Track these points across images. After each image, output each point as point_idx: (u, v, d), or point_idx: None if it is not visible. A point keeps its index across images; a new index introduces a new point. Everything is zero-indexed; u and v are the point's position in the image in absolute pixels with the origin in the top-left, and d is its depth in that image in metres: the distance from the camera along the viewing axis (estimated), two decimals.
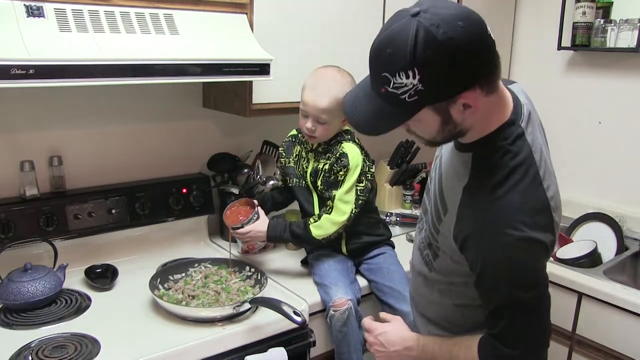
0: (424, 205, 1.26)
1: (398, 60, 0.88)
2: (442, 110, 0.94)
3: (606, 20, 2.25)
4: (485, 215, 1.00)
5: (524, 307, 1.03)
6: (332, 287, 1.63)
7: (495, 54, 0.94)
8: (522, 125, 1.03)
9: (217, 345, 1.43)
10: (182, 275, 1.70)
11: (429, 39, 0.86)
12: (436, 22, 0.86)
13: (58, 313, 1.51)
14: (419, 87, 0.89)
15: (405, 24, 0.88)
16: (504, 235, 0.97)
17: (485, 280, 1.05)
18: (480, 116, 0.98)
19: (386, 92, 0.91)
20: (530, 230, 0.97)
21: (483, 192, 1.01)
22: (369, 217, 1.82)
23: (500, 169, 1.00)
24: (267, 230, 1.70)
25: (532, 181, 1.00)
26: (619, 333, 1.78)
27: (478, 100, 0.94)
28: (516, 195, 0.98)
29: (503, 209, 0.98)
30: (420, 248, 1.24)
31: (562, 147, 2.51)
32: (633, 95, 2.27)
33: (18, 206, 1.69)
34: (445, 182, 1.12)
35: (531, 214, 0.98)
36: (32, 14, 1.34)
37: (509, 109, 1.04)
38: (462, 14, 0.89)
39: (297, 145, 1.81)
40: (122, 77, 1.40)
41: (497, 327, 1.05)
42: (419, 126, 1.00)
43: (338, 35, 1.95)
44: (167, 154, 2.03)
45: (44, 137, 1.77)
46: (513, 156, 1.00)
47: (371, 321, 1.33)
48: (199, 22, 1.61)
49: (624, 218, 2.24)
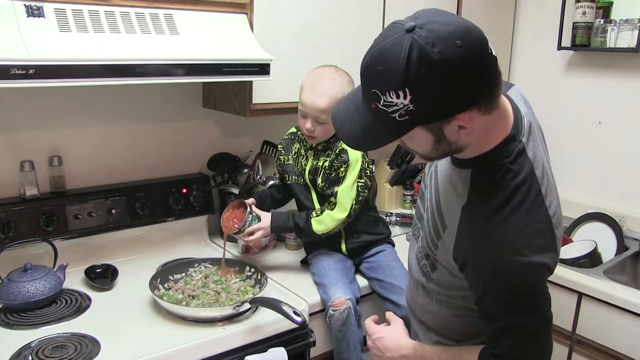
0: (418, 212, 1.22)
1: (389, 80, 0.82)
2: (436, 130, 0.89)
3: (606, 20, 2.25)
4: (487, 239, 0.96)
5: (526, 330, 1.00)
6: (331, 287, 1.63)
7: (496, 73, 0.88)
8: (523, 140, 0.98)
9: (217, 345, 1.43)
10: (182, 275, 1.70)
11: (423, 59, 0.80)
12: (432, 40, 0.80)
13: (58, 313, 1.51)
14: (410, 108, 0.83)
15: (398, 40, 0.82)
16: (506, 262, 0.94)
17: (486, 303, 1.02)
18: (476, 136, 0.93)
19: (376, 109, 0.86)
20: (533, 254, 0.94)
21: (484, 214, 0.96)
22: (369, 215, 1.82)
23: (501, 189, 0.95)
24: (270, 222, 1.70)
25: (534, 201, 0.96)
26: (619, 333, 1.78)
27: (474, 121, 0.88)
28: (518, 219, 0.94)
29: (505, 234, 0.94)
30: (417, 257, 1.20)
31: (562, 147, 2.52)
32: (633, 95, 2.27)
33: (18, 206, 1.69)
34: (442, 197, 1.08)
35: (534, 237, 0.95)
36: (32, 14, 1.34)
37: (510, 123, 0.98)
38: (460, 32, 0.82)
39: (296, 142, 1.82)
40: (122, 77, 1.40)
41: (498, 348, 1.03)
42: (412, 143, 0.95)
43: (338, 35, 1.95)
44: (167, 154, 2.03)
45: (44, 137, 1.77)
46: (514, 175, 0.95)
47: (371, 323, 1.31)
48: (199, 22, 1.61)
49: (624, 218, 2.24)
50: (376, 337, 1.26)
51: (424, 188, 1.20)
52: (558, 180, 1.10)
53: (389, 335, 1.25)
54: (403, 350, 1.21)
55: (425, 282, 1.17)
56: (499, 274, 0.96)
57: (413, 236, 1.26)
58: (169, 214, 1.96)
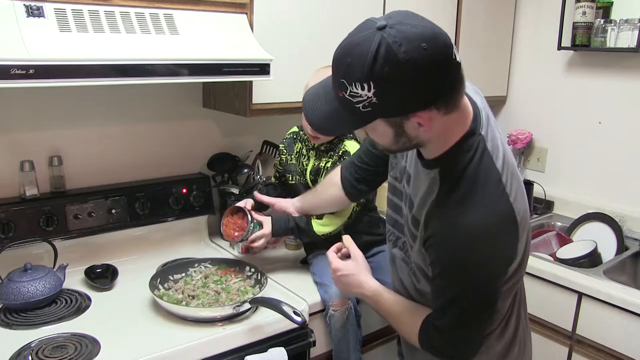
0: (396, 222, 1.25)
1: (355, 71, 0.88)
2: (396, 124, 0.95)
3: (606, 20, 2.25)
4: (450, 228, 1.01)
5: (469, 310, 1.06)
6: (331, 287, 1.62)
7: (458, 77, 0.93)
8: (482, 132, 1.03)
9: (217, 345, 1.43)
10: (182, 275, 1.70)
11: (389, 57, 0.85)
12: (399, 40, 0.85)
13: (58, 313, 1.51)
14: (373, 100, 0.89)
15: (368, 36, 0.88)
16: (465, 251, 0.99)
17: (438, 283, 1.08)
18: (436, 133, 0.98)
19: (343, 97, 0.92)
20: (493, 244, 0.99)
21: (449, 205, 1.01)
22: (370, 215, 1.83)
23: (464, 182, 1.01)
24: (271, 228, 1.69)
25: (494, 191, 1.00)
26: (619, 333, 1.78)
27: (433, 120, 0.94)
28: (479, 210, 0.99)
29: (466, 226, 0.99)
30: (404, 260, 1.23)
31: (562, 147, 2.52)
32: (633, 95, 2.27)
33: (18, 206, 1.69)
34: (415, 199, 1.12)
35: (495, 227, 0.99)
36: (32, 14, 1.34)
37: (469, 119, 1.03)
38: (428, 36, 0.87)
39: (298, 142, 1.81)
40: (122, 77, 1.40)
41: (440, 320, 1.09)
42: (373, 134, 1.01)
43: (338, 35, 1.94)
44: (167, 154, 2.03)
45: (44, 137, 1.77)
46: (475, 168, 1.01)
47: (335, 258, 1.36)
48: (199, 22, 1.61)
49: (624, 218, 2.24)
50: (340, 274, 1.34)
51: (403, 198, 1.21)
52: (559, 181, 1.11)
53: (352, 274, 1.33)
54: (365, 290, 1.31)
55: (416, 282, 1.21)
56: (457, 262, 1.01)
57: (395, 247, 1.28)
58: (169, 214, 1.96)
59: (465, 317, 1.07)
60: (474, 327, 1.09)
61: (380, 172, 1.44)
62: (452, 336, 1.10)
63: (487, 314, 1.09)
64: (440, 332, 1.10)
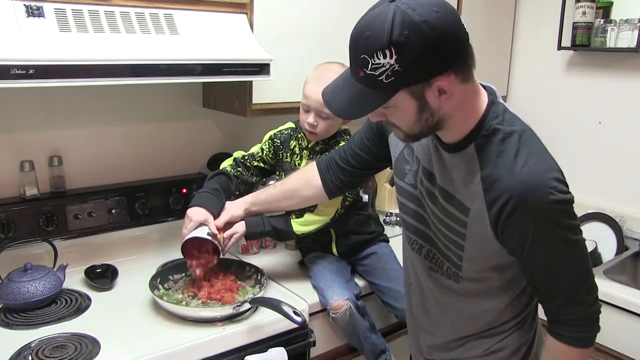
0: (418, 230, 1.23)
1: (376, 42, 0.91)
2: (418, 95, 0.97)
3: (606, 20, 2.25)
4: (519, 185, 1.00)
5: (589, 267, 1.09)
6: (327, 290, 1.62)
7: (469, 45, 0.98)
8: (501, 101, 1.08)
9: (217, 345, 1.43)
10: (182, 275, 1.69)
11: (406, 21, 0.90)
12: (413, 5, 0.91)
13: (58, 313, 1.51)
14: (395, 67, 0.91)
15: (383, 9, 0.92)
16: (546, 194, 1.00)
17: (545, 246, 1.05)
18: (456, 104, 1.00)
19: (364, 75, 0.94)
20: (563, 187, 1.03)
21: (506, 171, 1.02)
22: (358, 214, 1.79)
23: (509, 145, 1.03)
24: (245, 229, 1.61)
25: (541, 145, 1.06)
26: (619, 333, 1.78)
27: (453, 86, 0.96)
28: (537, 161, 1.02)
29: (532, 175, 1.00)
30: (432, 269, 1.21)
31: (562, 147, 2.51)
32: (633, 95, 2.27)
33: (18, 206, 1.69)
34: (452, 189, 1.10)
35: (556, 174, 1.03)
36: (32, 14, 1.34)
37: (485, 95, 1.08)
38: (437, 2, 0.93)
39: (293, 140, 1.78)
40: (122, 77, 1.40)
41: (559, 296, 1.09)
42: (396, 114, 1.01)
43: (338, 35, 1.95)
44: (167, 154, 2.03)
45: (44, 137, 1.77)
46: (511, 131, 1.04)
47: None
48: (199, 22, 1.61)
49: (624, 218, 2.24)
50: None
51: (415, 206, 1.21)
52: None
53: None
54: None
55: (454, 285, 1.19)
56: (543, 212, 1.01)
57: (414, 251, 1.26)
58: (169, 214, 1.96)
59: (590, 275, 1.09)
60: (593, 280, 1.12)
61: (366, 174, 1.47)
62: (594, 301, 1.11)
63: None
64: (587, 308, 1.11)
